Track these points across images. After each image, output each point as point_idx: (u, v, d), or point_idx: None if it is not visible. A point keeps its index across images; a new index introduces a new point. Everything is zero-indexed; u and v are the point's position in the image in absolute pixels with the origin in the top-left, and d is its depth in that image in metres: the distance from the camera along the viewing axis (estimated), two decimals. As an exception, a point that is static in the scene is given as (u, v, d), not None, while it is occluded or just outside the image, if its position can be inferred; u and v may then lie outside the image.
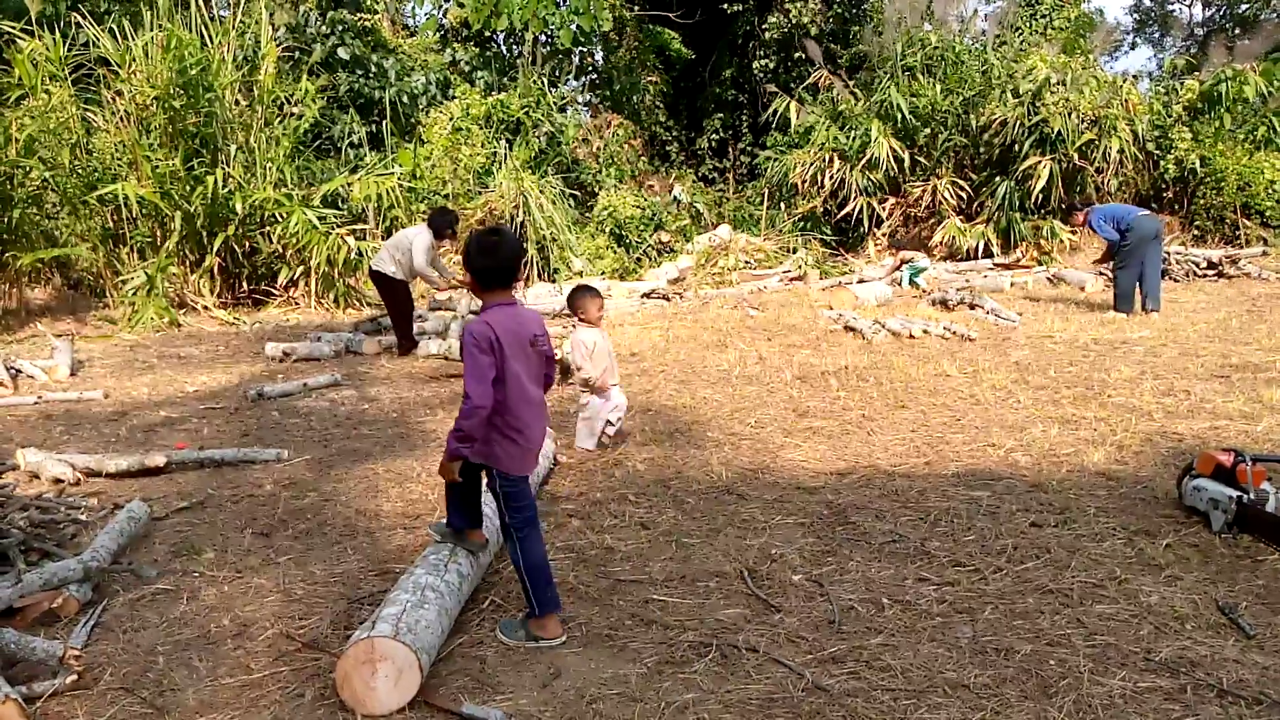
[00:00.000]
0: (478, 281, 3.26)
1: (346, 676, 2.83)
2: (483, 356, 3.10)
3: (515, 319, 3.23)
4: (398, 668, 2.82)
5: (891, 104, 15.97)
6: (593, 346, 5.45)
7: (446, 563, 3.44)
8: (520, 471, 3.30)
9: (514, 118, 15.99)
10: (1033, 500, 4.60)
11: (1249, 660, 3.02)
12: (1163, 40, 39.94)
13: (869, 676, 3.02)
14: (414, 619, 2.99)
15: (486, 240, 3.25)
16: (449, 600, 3.27)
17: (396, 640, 2.84)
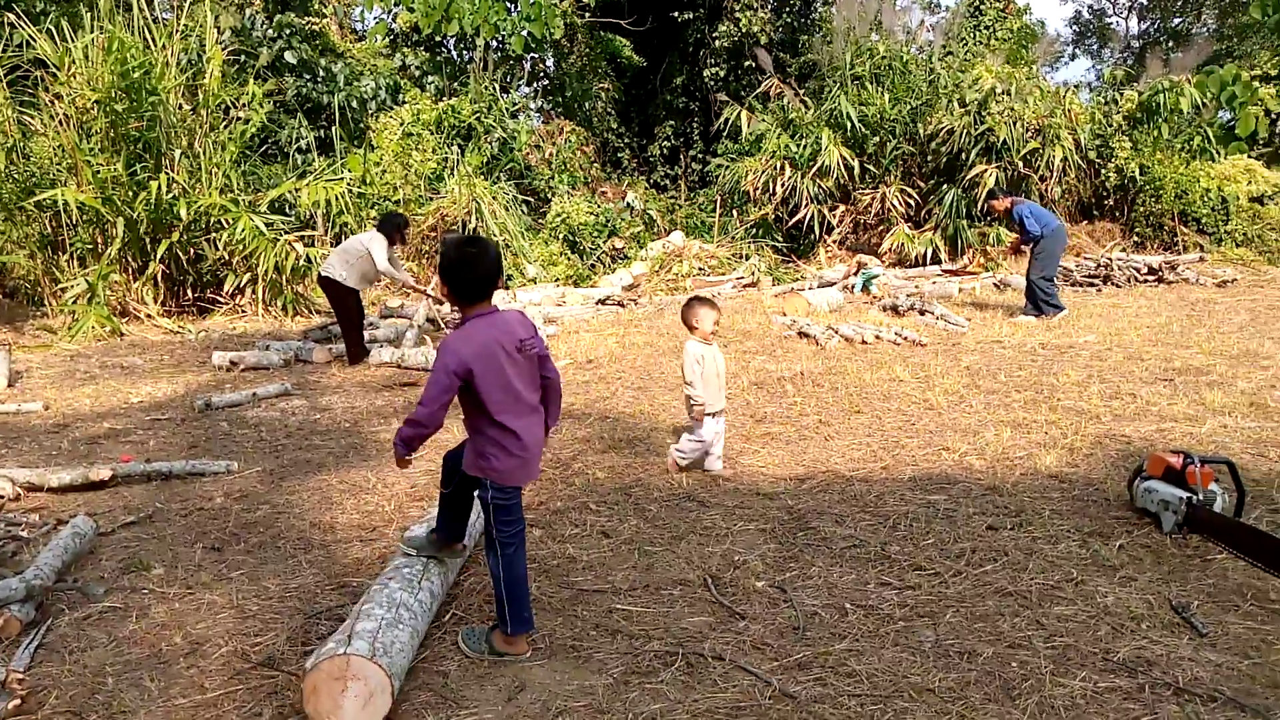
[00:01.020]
0: (455, 292, 3.15)
1: (315, 690, 2.76)
2: (443, 377, 3.02)
3: (497, 327, 3.14)
4: (369, 689, 2.75)
5: (841, 112, 16.16)
6: (702, 360, 5.00)
7: (420, 579, 3.38)
8: (517, 482, 3.23)
9: (465, 123, 15.89)
10: (988, 503, 4.66)
11: (1202, 658, 3.08)
12: (1101, 52, 41.04)
13: (835, 682, 3.03)
14: (389, 639, 2.93)
15: (466, 253, 3.13)
16: (420, 621, 3.23)
17: (373, 661, 2.78)
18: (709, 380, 5.01)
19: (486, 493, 3.19)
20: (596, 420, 6.46)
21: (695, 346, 5.04)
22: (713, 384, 5.03)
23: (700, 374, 4.97)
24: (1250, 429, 5.74)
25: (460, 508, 3.50)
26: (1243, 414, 6.07)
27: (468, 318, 3.15)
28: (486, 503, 3.20)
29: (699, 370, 4.97)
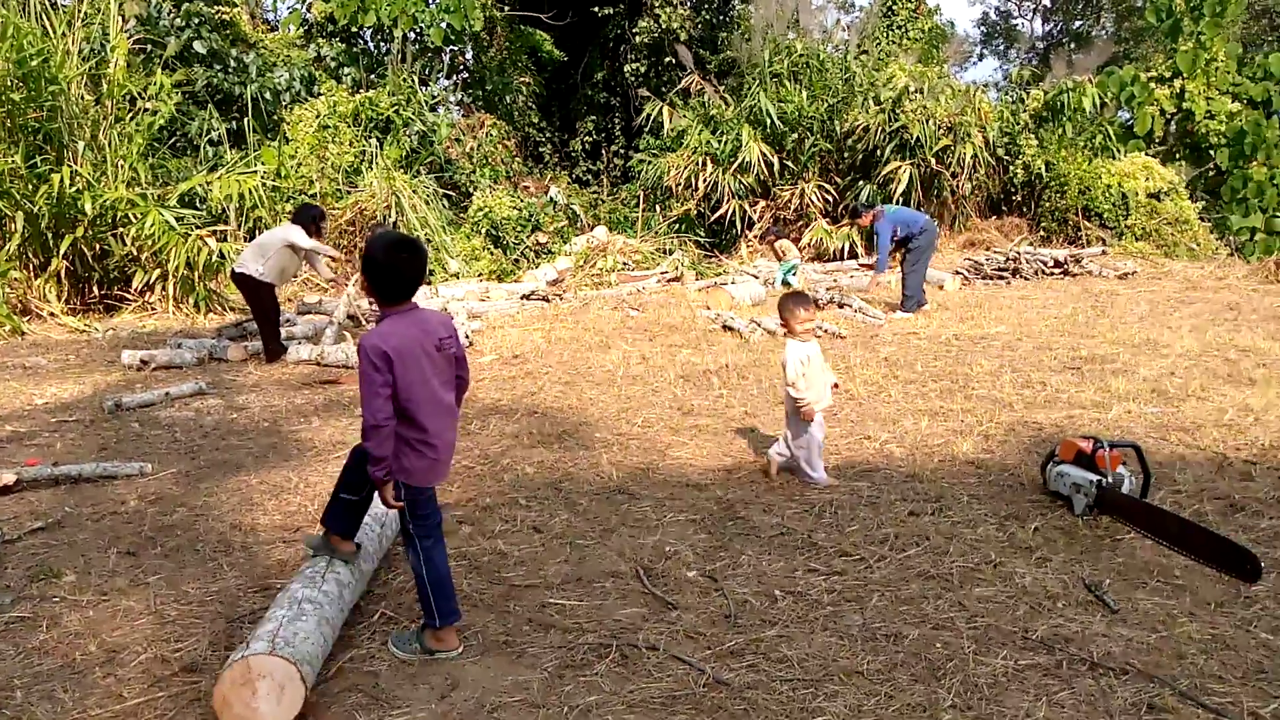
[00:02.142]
0: (378, 291, 3.09)
1: (225, 701, 2.69)
2: (374, 374, 2.96)
3: (416, 325, 3.10)
4: (278, 683, 2.70)
5: (760, 109, 16.37)
6: (807, 361, 4.78)
7: (324, 573, 3.32)
8: (427, 483, 3.19)
9: (383, 116, 15.60)
10: (909, 490, 4.79)
11: (1115, 634, 3.22)
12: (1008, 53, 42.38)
13: (767, 668, 3.08)
14: (291, 631, 2.89)
15: (395, 254, 3.07)
16: (329, 609, 3.16)
17: (273, 655, 2.73)
18: (814, 379, 4.82)
19: (400, 490, 3.14)
20: (524, 415, 6.43)
21: (797, 347, 4.81)
22: (818, 382, 4.84)
23: (804, 374, 4.78)
24: (1153, 414, 6.01)
25: (358, 502, 3.37)
26: (1146, 400, 6.36)
27: (386, 314, 3.10)
28: (400, 499, 3.16)
29: (802, 370, 4.77)
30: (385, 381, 2.97)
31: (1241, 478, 4.78)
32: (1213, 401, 6.26)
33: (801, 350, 4.81)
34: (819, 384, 4.85)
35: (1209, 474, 4.85)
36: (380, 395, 2.97)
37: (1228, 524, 4.19)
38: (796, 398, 4.78)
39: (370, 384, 2.97)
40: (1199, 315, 9.98)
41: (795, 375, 4.76)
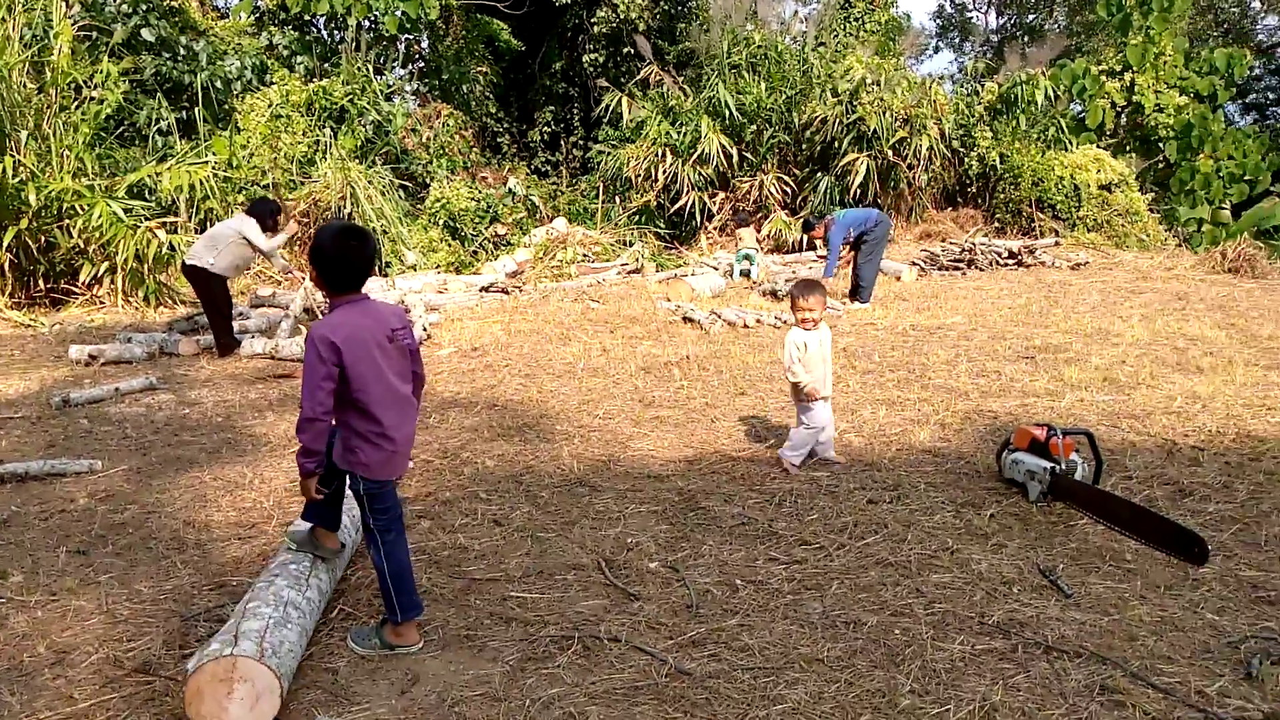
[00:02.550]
0: (327, 281, 3.06)
1: (199, 693, 2.64)
2: (319, 365, 2.92)
3: (367, 315, 3.07)
4: (256, 692, 2.65)
5: (720, 101, 16.37)
6: (803, 348, 4.94)
7: (308, 576, 3.27)
8: (386, 476, 3.15)
9: (338, 105, 15.37)
10: (868, 478, 4.84)
11: (1069, 618, 3.29)
12: (963, 45, 42.80)
13: (729, 657, 3.09)
14: (278, 639, 2.83)
15: (344, 242, 3.04)
16: (309, 621, 3.13)
17: (262, 662, 2.68)
18: (814, 365, 4.94)
19: (358, 484, 3.11)
20: (484, 409, 6.39)
21: (796, 334, 4.97)
22: (818, 369, 4.96)
23: (801, 359, 4.91)
24: (1105, 402, 6.13)
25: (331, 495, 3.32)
26: (1098, 388, 6.48)
27: (336, 305, 3.06)
28: (359, 492, 3.13)
29: (798, 355, 4.92)
30: (330, 374, 2.93)
31: (1190, 463, 4.89)
32: (1162, 389, 6.39)
33: (800, 337, 4.95)
34: (819, 371, 4.97)
35: (1158, 460, 4.96)
36: (323, 388, 2.92)
37: (1176, 509, 4.29)
38: (794, 381, 4.94)
39: (314, 375, 2.93)
40: (1149, 305, 10.19)
41: (790, 360, 4.93)
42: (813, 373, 4.93)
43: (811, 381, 4.92)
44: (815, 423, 4.99)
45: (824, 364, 4.99)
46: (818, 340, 4.97)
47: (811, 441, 5.05)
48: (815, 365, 4.95)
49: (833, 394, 5.23)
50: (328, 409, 2.96)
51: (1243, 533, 3.98)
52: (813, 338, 4.96)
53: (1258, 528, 4.02)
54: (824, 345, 5.00)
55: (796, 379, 4.94)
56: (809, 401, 4.95)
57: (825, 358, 5.00)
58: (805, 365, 4.92)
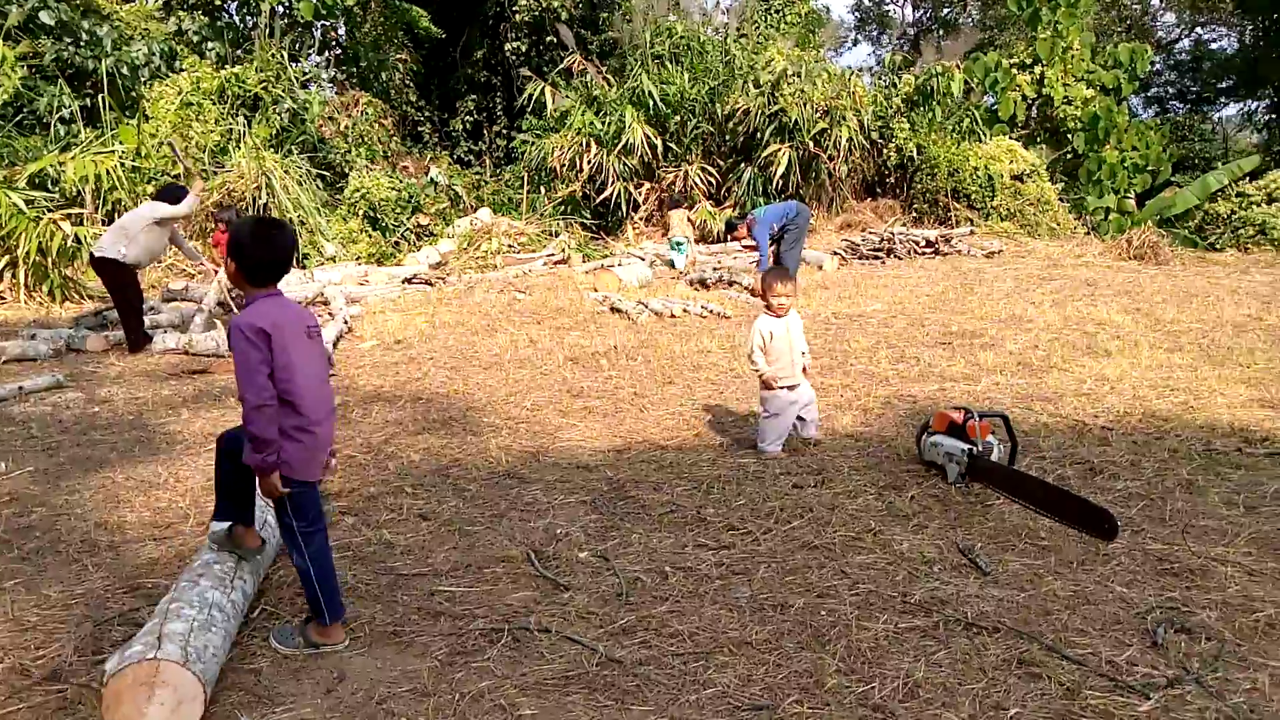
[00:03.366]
0: (247, 275, 2.96)
1: (118, 697, 2.54)
2: (253, 352, 2.83)
3: (288, 309, 3.00)
4: (178, 698, 2.56)
5: (643, 91, 16.39)
6: (769, 336, 4.99)
7: (233, 577, 3.18)
8: (308, 477, 3.05)
9: (251, 93, 14.94)
10: (793, 464, 4.91)
11: (987, 594, 3.38)
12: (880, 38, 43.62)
13: (659, 643, 3.11)
14: (202, 643, 2.74)
15: (263, 231, 2.97)
16: (233, 624, 3.04)
17: (186, 667, 2.59)
18: (780, 353, 4.99)
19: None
20: (408, 402, 6.30)
21: (764, 322, 5.02)
22: (784, 357, 5.00)
23: (764, 346, 4.98)
24: (1019, 385, 6.33)
25: (236, 477, 3.18)
26: (1012, 372, 6.68)
27: (254, 298, 2.98)
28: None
29: (760, 344, 4.98)
30: (264, 359, 2.85)
31: (1099, 443, 5.08)
32: (1073, 372, 6.62)
33: (766, 325, 5.01)
34: (785, 359, 5.01)
35: (1070, 440, 5.14)
36: (261, 373, 2.84)
37: (1087, 486, 4.45)
38: (756, 368, 5.02)
39: (248, 362, 2.84)
40: (1059, 291, 10.54)
41: (751, 347, 5.02)
42: (778, 360, 5.00)
43: (771, 371, 4.97)
44: (774, 409, 5.04)
45: (791, 350, 5.04)
46: (785, 327, 5.04)
47: (781, 428, 5.08)
48: (781, 353, 5.01)
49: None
50: (271, 392, 2.87)
51: (1149, 508, 4.15)
52: (780, 325, 5.03)
53: (1163, 503, 4.19)
54: (792, 332, 5.06)
55: (756, 367, 5.01)
56: (769, 390, 5.01)
57: (793, 345, 5.06)
58: (771, 353, 5.00)
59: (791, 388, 5.05)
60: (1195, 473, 4.55)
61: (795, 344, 5.06)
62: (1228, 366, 6.65)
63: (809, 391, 5.18)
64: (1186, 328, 8.11)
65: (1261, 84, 29.04)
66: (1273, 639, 3.03)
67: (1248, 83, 30.31)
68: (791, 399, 5.06)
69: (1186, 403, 5.78)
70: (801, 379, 5.11)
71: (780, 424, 5.08)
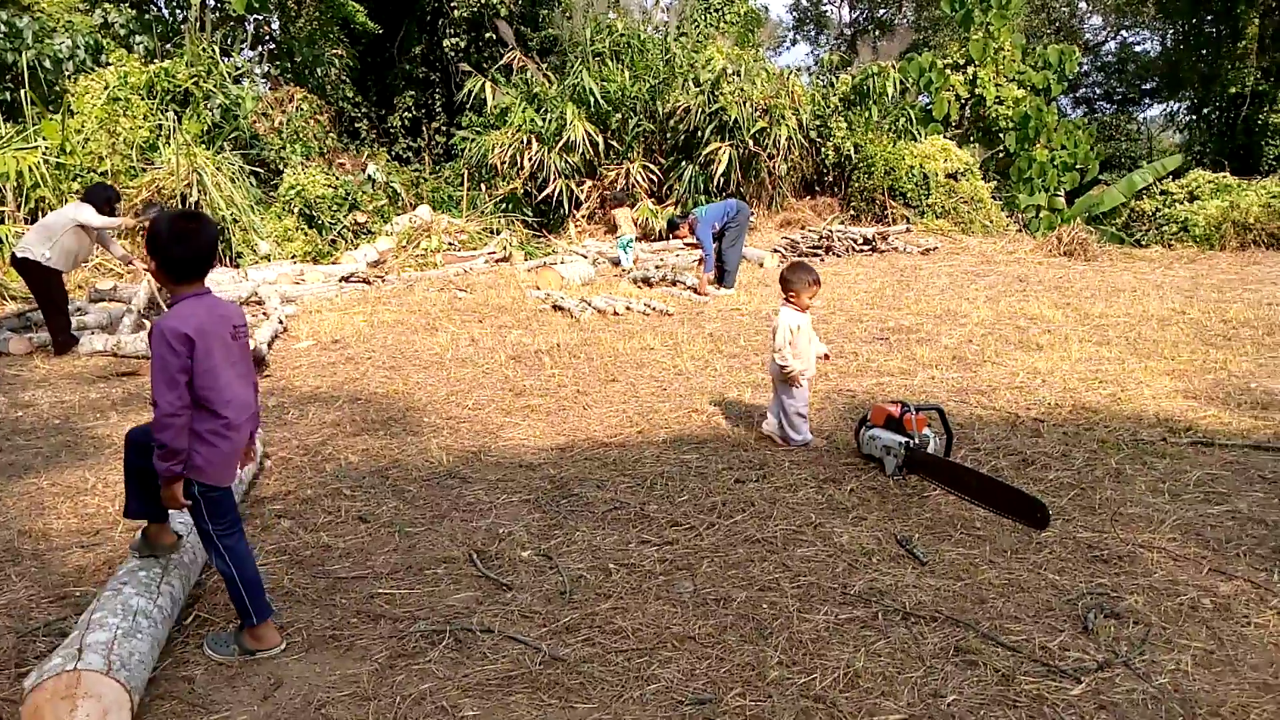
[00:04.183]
0: (168, 272, 2.88)
1: (37, 711, 2.45)
2: (172, 359, 2.75)
3: (212, 309, 2.92)
4: (104, 707, 2.48)
5: (584, 88, 16.34)
6: (797, 329, 4.94)
7: (159, 583, 3.09)
8: (223, 482, 2.98)
9: (182, 88, 14.54)
10: (735, 459, 4.94)
11: (924, 584, 3.45)
12: (818, 38, 44.12)
13: (602, 641, 3.11)
14: (127, 651, 2.66)
15: (182, 225, 2.88)
16: (161, 630, 2.96)
17: (109, 676, 2.52)
18: (801, 348, 4.98)
19: (193, 489, 2.93)
20: (346, 403, 6.20)
21: (790, 315, 4.98)
22: (805, 352, 5.00)
23: (793, 341, 4.94)
24: (954, 379, 6.45)
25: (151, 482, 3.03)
26: (947, 366, 6.81)
27: (180, 298, 2.90)
28: (195, 497, 2.93)
29: (790, 338, 4.93)
30: (184, 367, 2.77)
31: (1031, 434, 5.21)
32: (1005, 366, 6.78)
33: (793, 319, 4.99)
34: (807, 353, 5.03)
35: (1003, 432, 5.26)
36: (178, 382, 2.77)
37: (1020, 477, 4.56)
38: (782, 365, 4.94)
39: (167, 370, 2.76)
40: (993, 287, 10.78)
41: (782, 342, 4.94)
42: (801, 355, 5.00)
43: (800, 366, 4.97)
44: (801, 400, 5.05)
45: (810, 344, 5.07)
46: (807, 322, 5.07)
47: (806, 416, 5.11)
48: (804, 348, 5.02)
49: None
50: (186, 403, 2.80)
51: (1079, 498, 4.27)
52: (804, 319, 5.04)
53: (1092, 492, 4.32)
54: (810, 328, 5.10)
55: (786, 364, 4.94)
56: (794, 384, 5.01)
57: (811, 339, 5.09)
58: (796, 346, 4.98)
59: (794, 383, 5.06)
60: (1123, 462, 4.69)
61: (813, 337, 5.12)
62: (1153, 359, 6.87)
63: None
64: (1114, 322, 8.35)
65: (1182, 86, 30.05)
66: (1195, 621, 3.14)
67: (1170, 84, 31.34)
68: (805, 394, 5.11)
69: (1114, 394, 5.95)
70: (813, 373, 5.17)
71: (806, 412, 5.11)
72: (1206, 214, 15.78)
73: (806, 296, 5.02)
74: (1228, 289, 10.54)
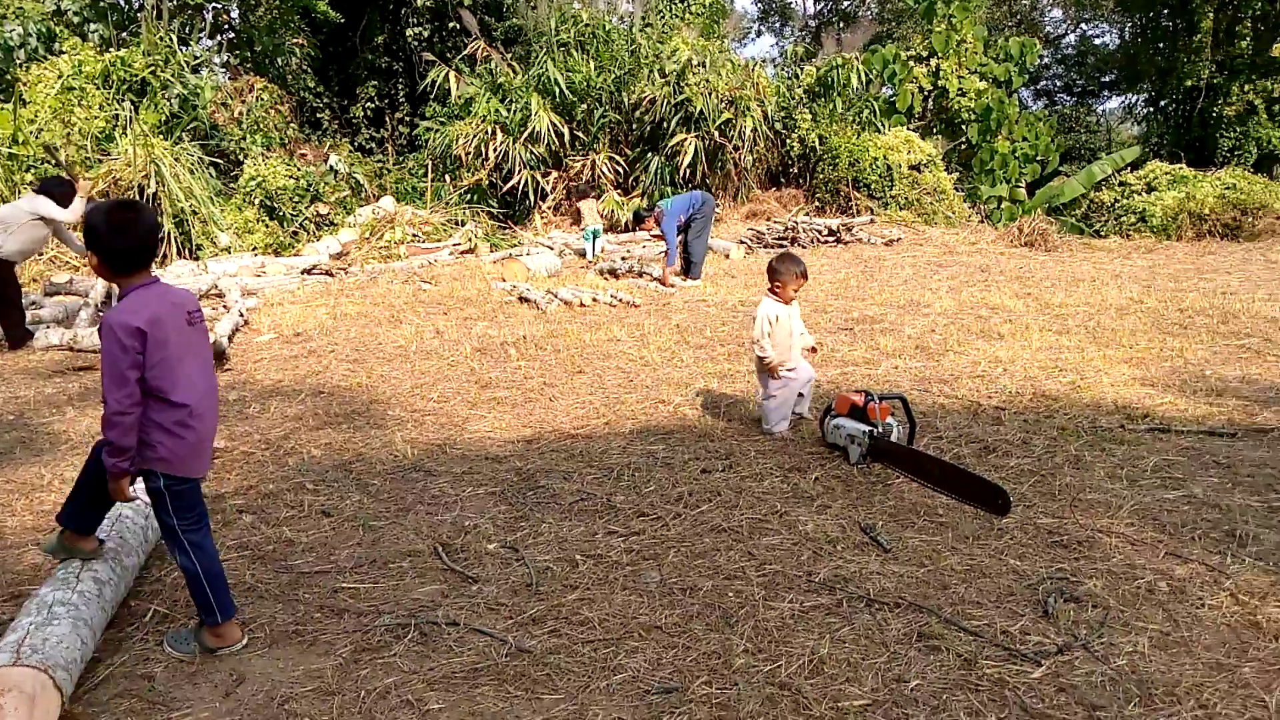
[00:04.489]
0: (109, 264, 2.81)
1: None
2: (122, 356, 2.70)
3: (164, 298, 2.87)
4: (28, 694, 2.45)
5: (549, 78, 16.27)
6: (775, 320, 4.97)
7: (79, 574, 3.05)
8: (192, 473, 2.94)
9: (139, 77, 14.27)
10: (702, 449, 4.95)
11: (888, 571, 3.48)
12: (783, 30, 44.22)
13: (569, 632, 3.10)
14: (40, 638, 2.66)
15: (119, 216, 2.82)
16: (88, 610, 2.91)
17: (19, 666, 2.51)
18: (781, 337, 4.99)
19: (158, 481, 2.88)
20: (309, 396, 6.13)
21: (769, 306, 5.01)
22: (784, 343, 5.00)
23: (771, 332, 4.97)
24: (917, 368, 6.52)
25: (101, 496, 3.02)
26: (910, 356, 6.88)
27: (128, 290, 2.83)
28: (160, 490, 2.89)
29: (768, 329, 4.97)
30: (135, 363, 2.72)
31: (993, 422, 5.27)
32: (967, 355, 6.85)
33: (772, 309, 5.01)
34: (785, 344, 5.03)
35: (965, 420, 5.32)
36: (129, 378, 2.72)
37: (982, 464, 4.61)
38: (760, 354, 5.02)
39: (117, 366, 2.71)
40: (955, 277, 10.89)
41: (760, 333, 5.00)
42: (780, 345, 5.01)
43: (778, 357, 4.99)
44: (776, 391, 5.08)
45: (791, 335, 5.06)
46: (788, 312, 5.06)
47: (784, 409, 5.14)
48: (783, 337, 5.03)
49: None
50: (136, 400, 2.75)
51: (1040, 484, 4.33)
52: (783, 310, 5.05)
53: (1052, 479, 4.38)
54: (793, 318, 5.09)
55: (764, 354, 5.00)
56: (771, 375, 5.05)
57: (792, 331, 5.07)
58: (774, 337, 5.01)
59: (791, 370, 5.10)
60: (1082, 449, 4.76)
61: (795, 327, 5.11)
62: (1112, 347, 6.98)
63: (808, 370, 5.23)
64: (1073, 311, 8.47)
65: (1140, 78, 30.51)
66: (1152, 604, 3.20)
67: (1128, 77, 31.81)
68: (792, 377, 5.11)
69: (1074, 382, 6.04)
70: (801, 361, 5.17)
71: (783, 406, 5.13)
72: (1163, 205, 16.07)
73: (792, 288, 5.04)
74: (1184, 278, 10.74)
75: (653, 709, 2.68)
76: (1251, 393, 5.76)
